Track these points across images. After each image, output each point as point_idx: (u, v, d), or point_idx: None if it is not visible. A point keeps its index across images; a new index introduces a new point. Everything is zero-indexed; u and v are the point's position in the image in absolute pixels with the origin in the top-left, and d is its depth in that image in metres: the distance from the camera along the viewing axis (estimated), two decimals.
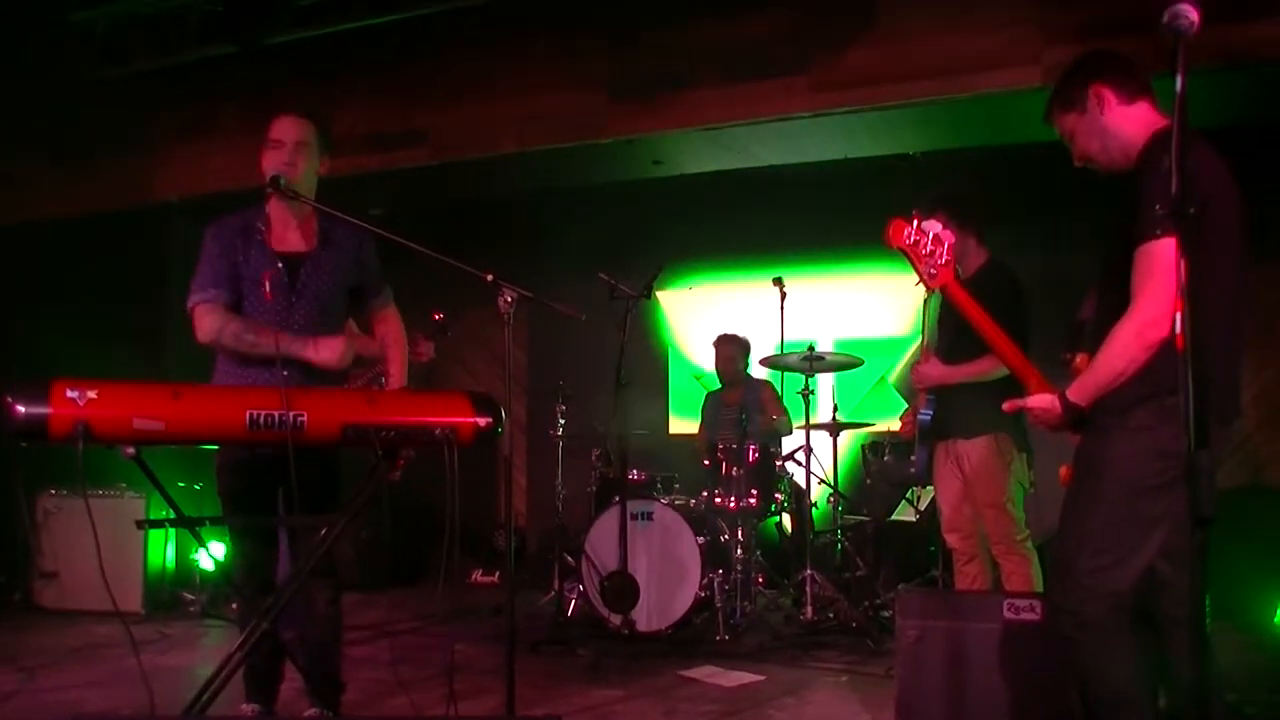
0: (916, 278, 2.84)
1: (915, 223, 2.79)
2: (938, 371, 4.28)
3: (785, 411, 6.28)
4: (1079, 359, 2.83)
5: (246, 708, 3.48)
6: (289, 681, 3.62)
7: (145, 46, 6.24)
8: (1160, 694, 2.66)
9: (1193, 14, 1.96)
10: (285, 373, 3.29)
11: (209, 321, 3.38)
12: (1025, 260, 4.64)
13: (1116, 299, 2.57)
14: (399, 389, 3.64)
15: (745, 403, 6.33)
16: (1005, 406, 2.79)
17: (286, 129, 3.45)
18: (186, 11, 6.06)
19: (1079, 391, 2.58)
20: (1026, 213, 6.49)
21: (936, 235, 2.79)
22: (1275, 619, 4.29)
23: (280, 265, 3.41)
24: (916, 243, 2.79)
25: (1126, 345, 2.48)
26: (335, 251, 3.53)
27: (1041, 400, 2.67)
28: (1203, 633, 1.92)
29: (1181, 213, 1.93)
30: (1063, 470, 2.88)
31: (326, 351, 3.37)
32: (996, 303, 4.24)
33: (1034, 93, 5.05)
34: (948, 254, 2.81)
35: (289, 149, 3.41)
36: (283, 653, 3.41)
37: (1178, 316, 1.90)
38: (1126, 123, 2.68)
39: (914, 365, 4.47)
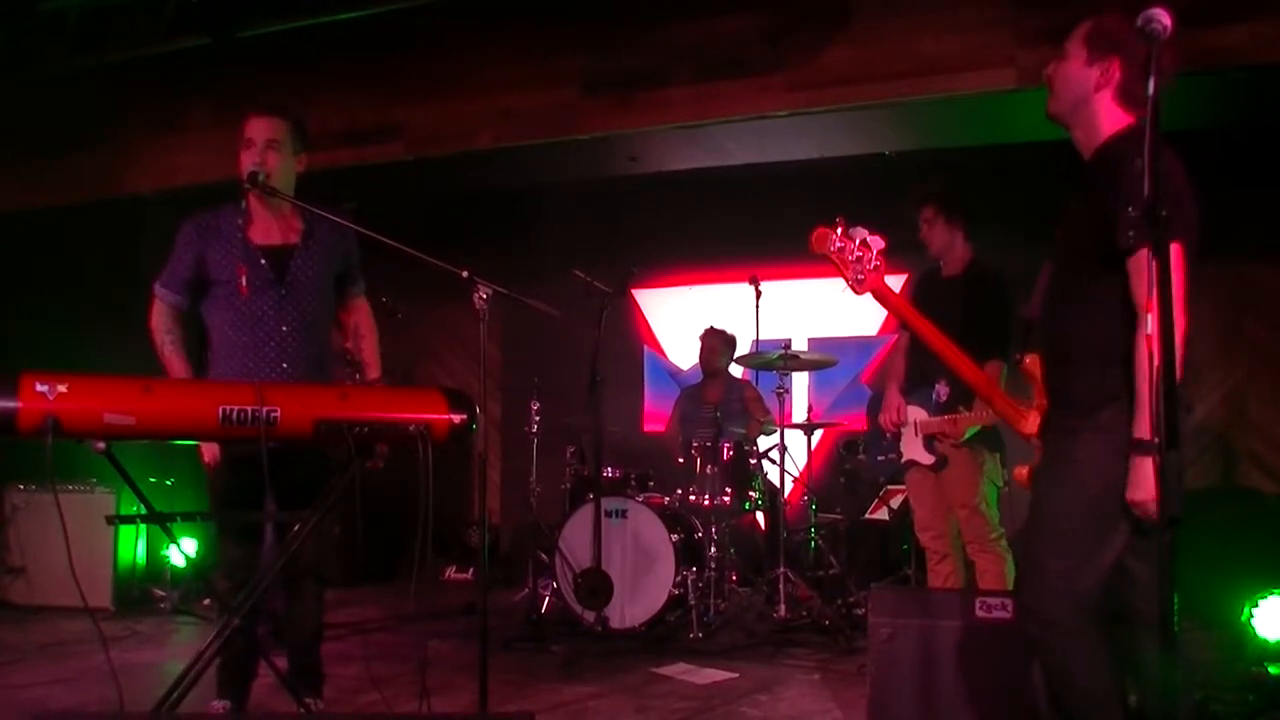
0: (844, 284, 2.78)
1: (840, 229, 2.74)
2: (968, 420, 4.25)
3: (768, 412, 6.31)
4: (1028, 359, 2.81)
5: (217, 704, 3.45)
6: (260, 678, 3.60)
7: (118, 38, 6.18)
8: (1131, 692, 2.67)
9: (1166, 19, 1.98)
10: (284, 365, 3.33)
11: (156, 320, 3.53)
12: (1000, 260, 4.67)
13: (1070, 294, 2.57)
14: (375, 383, 3.66)
15: (725, 400, 6.34)
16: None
17: (256, 128, 3.47)
18: (160, 3, 6.00)
19: (1139, 425, 2.40)
20: (1002, 212, 6.53)
21: (865, 240, 2.73)
22: (1244, 618, 4.34)
23: (263, 261, 3.43)
24: (842, 249, 2.73)
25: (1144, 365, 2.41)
26: (320, 244, 3.57)
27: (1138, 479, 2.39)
28: (1172, 631, 1.94)
29: (1154, 215, 1.95)
30: (1020, 471, 2.89)
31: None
32: (988, 304, 4.30)
33: (1008, 94, 5.09)
34: (877, 259, 2.74)
35: (259, 147, 3.44)
36: (256, 650, 3.40)
37: (1150, 318, 1.92)
38: (1107, 112, 2.63)
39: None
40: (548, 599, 5.78)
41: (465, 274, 3.26)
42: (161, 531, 3.23)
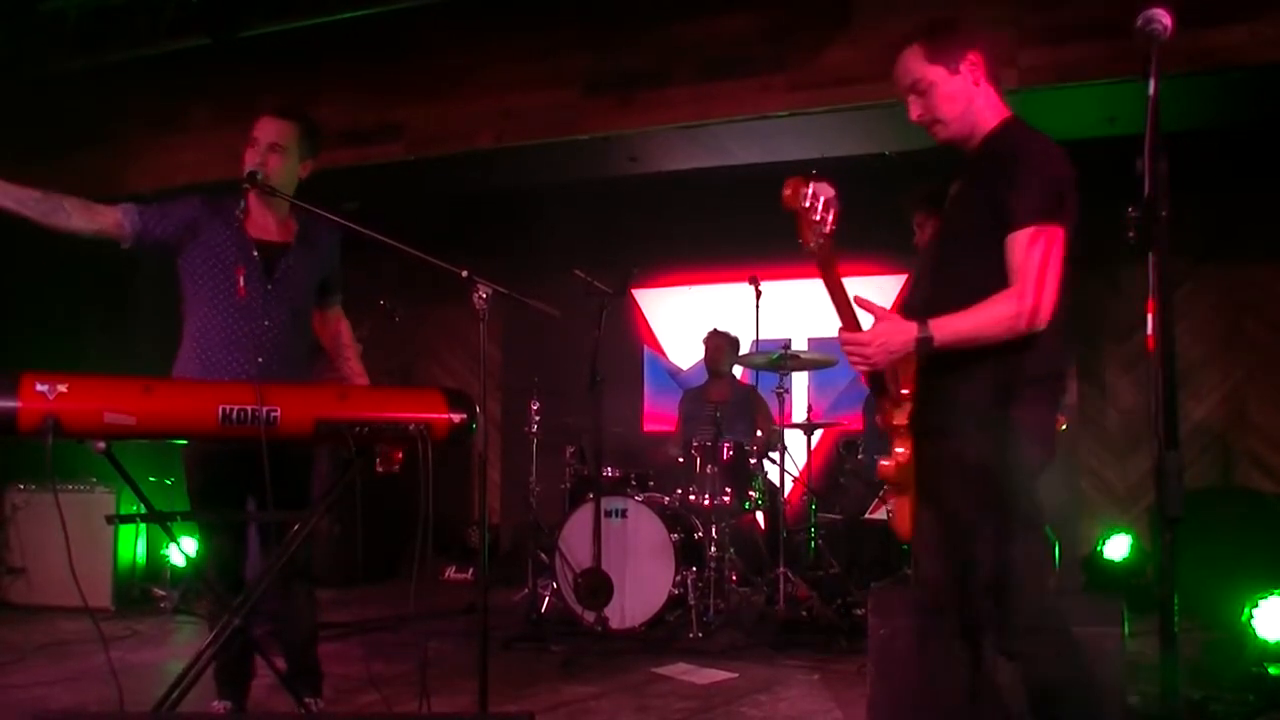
0: (801, 237, 2.62)
1: (810, 185, 2.57)
2: None
3: (775, 429, 6.30)
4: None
5: (218, 705, 3.46)
6: (260, 678, 3.60)
7: (118, 38, 6.18)
8: (1131, 693, 2.67)
9: (1166, 19, 1.98)
10: (260, 359, 3.31)
11: (97, 204, 3.56)
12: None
13: (954, 275, 2.58)
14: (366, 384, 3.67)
15: (728, 402, 6.34)
16: (841, 335, 2.61)
17: (264, 128, 3.48)
18: (160, 3, 6.00)
19: (942, 330, 2.46)
20: None
21: (827, 201, 2.59)
22: (1244, 618, 4.34)
23: (255, 253, 3.43)
24: (810, 205, 2.57)
25: (1000, 321, 2.43)
26: (311, 248, 3.57)
27: (894, 326, 2.49)
28: (1172, 631, 1.94)
29: (1155, 216, 1.95)
30: (883, 464, 2.84)
31: None
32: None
33: (1009, 95, 5.08)
34: (833, 223, 2.60)
35: (262, 148, 3.44)
36: (253, 650, 3.40)
37: (1149, 318, 1.92)
38: (985, 103, 2.67)
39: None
40: (548, 599, 5.78)
41: (465, 274, 3.26)
42: (161, 531, 3.24)
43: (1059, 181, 2.49)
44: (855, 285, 2.61)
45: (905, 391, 2.72)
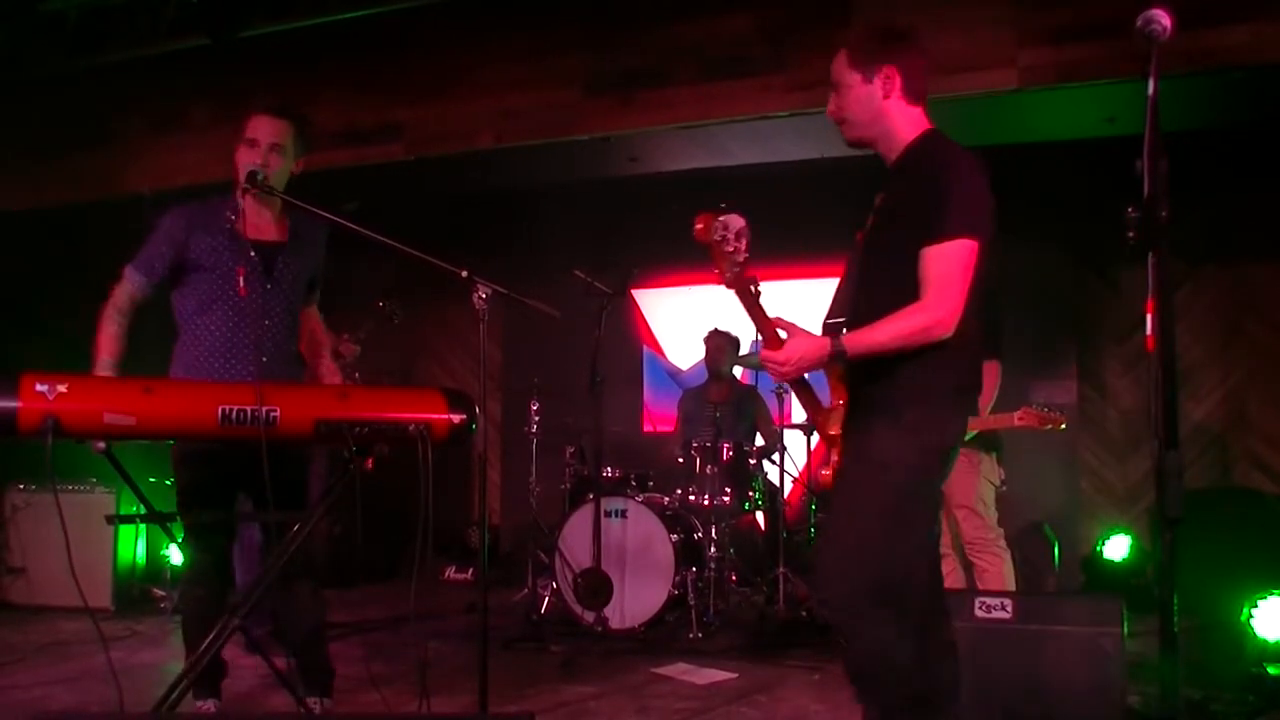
0: (717, 269, 2.86)
1: (721, 219, 2.81)
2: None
3: (775, 433, 6.29)
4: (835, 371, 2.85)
5: (207, 705, 3.44)
6: (255, 674, 3.60)
7: (118, 38, 6.18)
8: (1132, 693, 2.68)
9: (1166, 20, 1.98)
10: (264, 359, 3.32)
11: (117, 299, 3.49)
12: (1002, 261, 4.67)
13: (875, 285, 2.67)
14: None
15: (730, 402, 6.33)
16: (762, 354, 2.80)
17: (263, 128, 3.46)
18: (160, 3, 6.00)
19: (855, 343, 2.60)
20: (1003, 212, 6.54)
21: (739, 231, 2.82)
22: (1244, 618, 4.34)
23: (253, 254, 3.42)
24: (722, 239, 2.81)
25: (911, 331, 2.52)
26: (304, 246, 3.59)
27: (807, 342, 2.66)
28: (1172, 631, 1.94)
29: (1155, 216, 1.95)
30: (825, 474, 2.98)
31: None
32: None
33: (1009, 95, 5.10)
34: (746, 251, 2.83)
35: (263, 149, 3.43)
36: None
37: (1149, 318, 1.92)
38: (900, 116, 2.71)
39: None
40: (547, 599, 5.78)
41: (465, 274, 3.26)
42: (161, 531, 3.24)
43: (975, 197, 2.58)
44: None
45: (841, 402, 2.81)
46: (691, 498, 5.69)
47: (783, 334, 2.74)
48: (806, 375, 2.74)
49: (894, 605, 2.54)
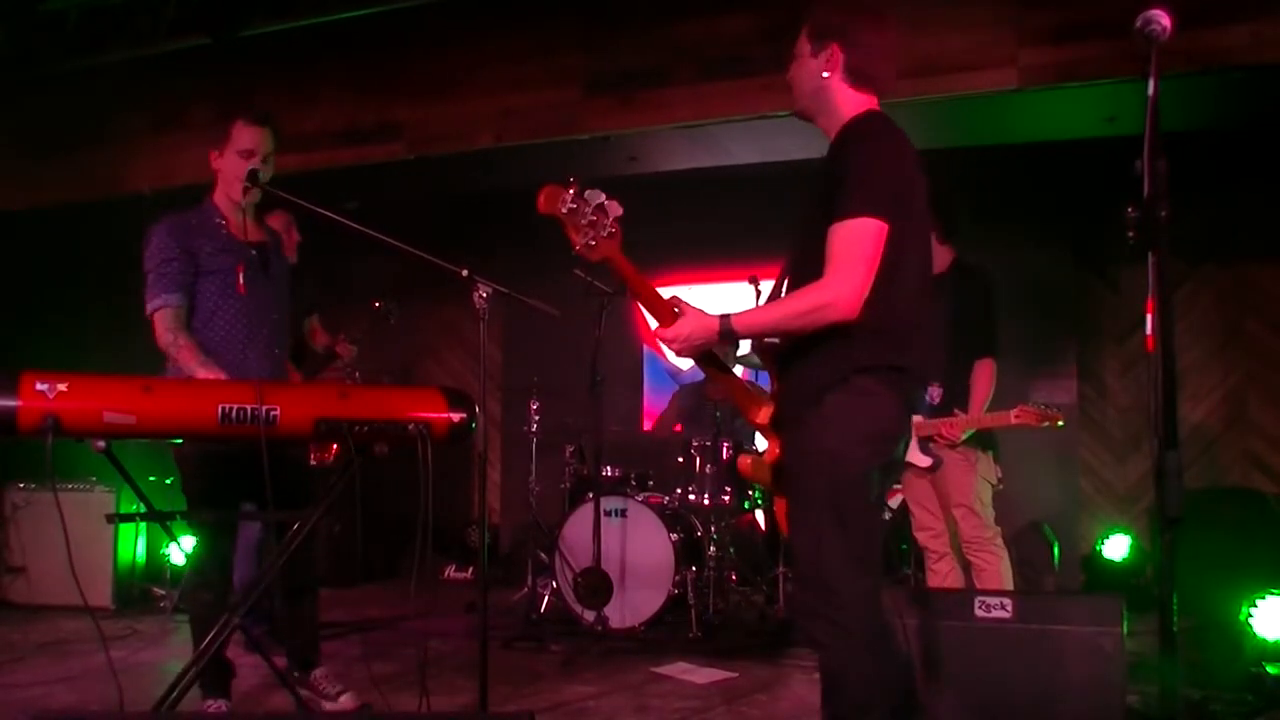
0: (571, 241, 2.67)
1: (572, 190, 2.62)
2: (964, 423, 4.26)
3: None
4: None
5: (214, 705, 3.45)
6: (256, 673, 3.60)
7: (118, 38, 6.18)
8: (1132, 693, 2.67)
9: (1165, 20, 1.98)
10: (277, 351, 3.39)
11: (170, 327, 3.42)
12: (1002, 261, 4.68)
13: (800, 263, 2.60)
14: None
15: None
16: (655, 331, 2.76)
17: (256, 139, 3.58)
18: (160, 3, 6.00)
19: (745, 320, 2.58)
20: (1003, 213, 6.54)
21: (601, 205, 2.66)
22: (1244, 617, 4.34)
23: (254, 253, 3.49)
24: (575, 210, 2.62)
25: (802, 309, 2.47)
26: (279, 245, 3.77)
27: (696, 320, 2.63)
28: (1171, 631, 1.94)
29: (1155, 216, 1.95)
30: (743, 460, 2.95)
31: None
32: (967, 305, 4.30)
33: (1009, 95, 5.09)
34: (612, 226, 2.70)
35: (260, 158, 3.56)
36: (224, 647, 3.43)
37: (1149, 318, 1.92)
38: (841, 96, 2.69)
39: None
40: (547, 598, 5.78)
41: (465, 273, 3.27)
42: (161, 530, 3.25)
43: (891, 180, 2.49)
44: None
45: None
46: (691, 497, 5.69)
47: (677, 312, 2.70)
48: (742, 370, 2.70)
49: (842, 611, 2.45)
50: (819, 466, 2.49)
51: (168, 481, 5.91)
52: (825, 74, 2.66)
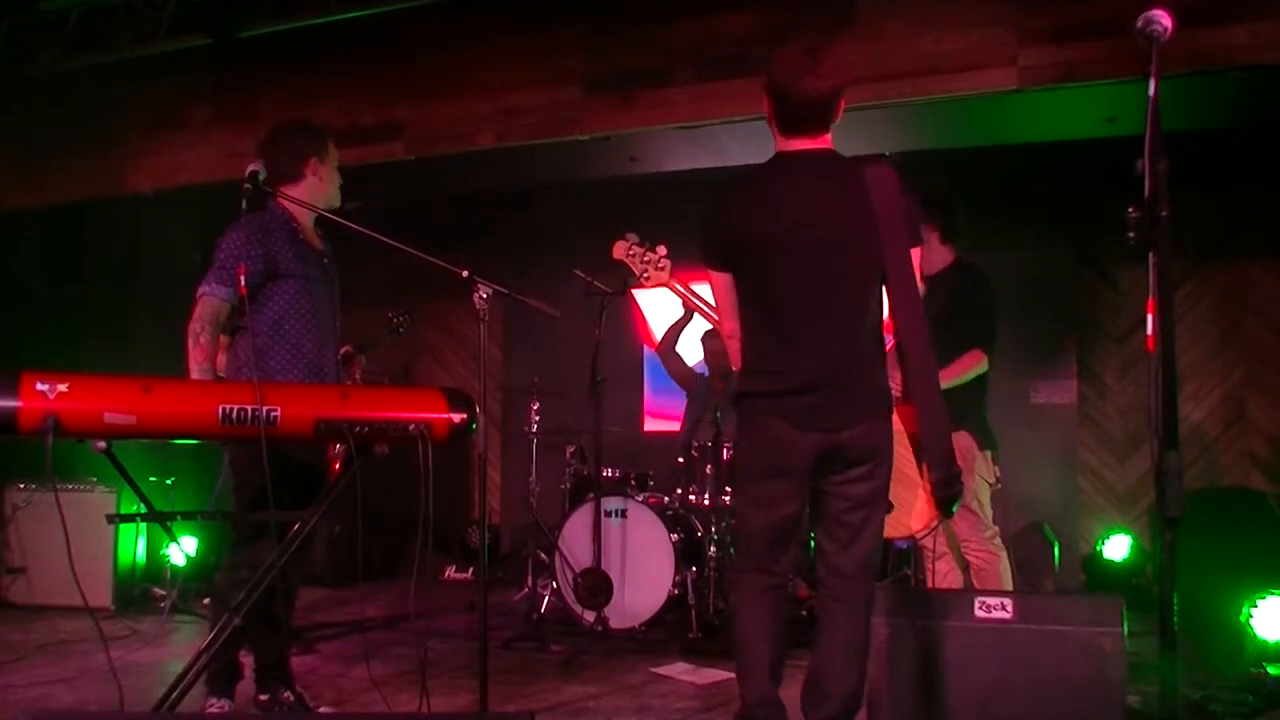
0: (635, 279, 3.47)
1: (631, 242, 3.49)
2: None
3: None
4: None
5: (217, 704, 3.45)
6: (252, 672, 3.60)
7: (118, 37, 6.18)
8: (1132, 693, 2.67)
9: (1166, 20, 1.98)
10: (342, 352, 3.56)
11: (208, 314, 3.37)
12: (1003, 261, 4.68)
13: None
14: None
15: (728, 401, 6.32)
16: None
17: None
18: (161, 3, 6.00)
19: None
20: (1003, 212, 6.55)
21: (652, 247, 3.51)
22: (1243, 618, 4.34)
23: (325, 260, 3.67)
24: (633, 255, 3.47)
25: None
26: (332, 250, 3.82)
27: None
28: (1172, 631, 1.94)
29: (1155, 216, 1.95)
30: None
31: None
32: (965, 305, 4.30)
33: (1009, 95, 5.10)
34: (662, 260, 3.50)
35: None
36: (239, 647, 3.43)
37: (1149, 318, 1.92)
38: None
39: None
40: (547, 599, 5.78)
41: (465, 274, 3.27)
42: (161, 531, 3.24)
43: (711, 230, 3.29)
44: None
45: None
46: (691, 498, 5.69)
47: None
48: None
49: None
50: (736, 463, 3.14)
51: (168, 482, 5.93)
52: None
